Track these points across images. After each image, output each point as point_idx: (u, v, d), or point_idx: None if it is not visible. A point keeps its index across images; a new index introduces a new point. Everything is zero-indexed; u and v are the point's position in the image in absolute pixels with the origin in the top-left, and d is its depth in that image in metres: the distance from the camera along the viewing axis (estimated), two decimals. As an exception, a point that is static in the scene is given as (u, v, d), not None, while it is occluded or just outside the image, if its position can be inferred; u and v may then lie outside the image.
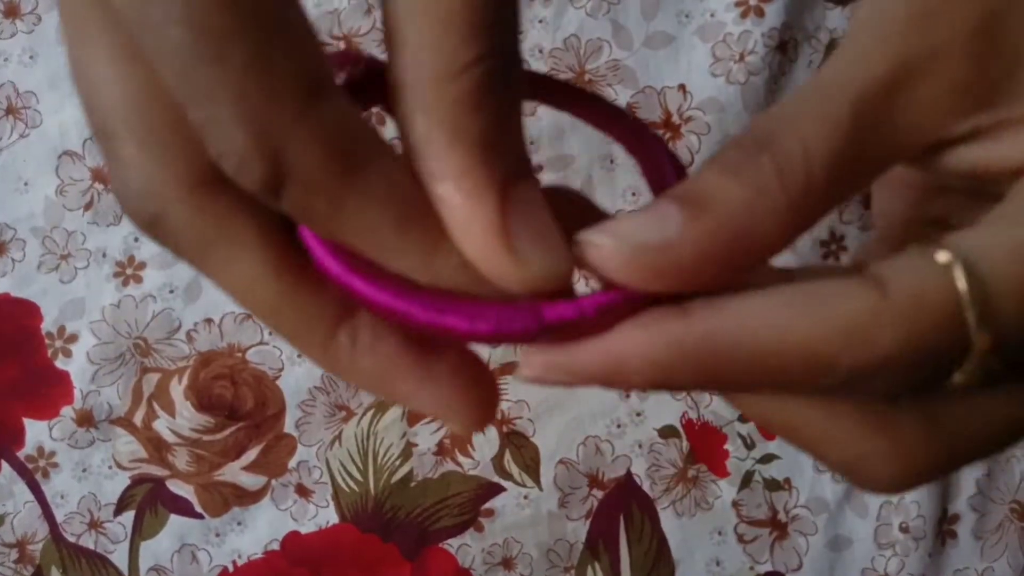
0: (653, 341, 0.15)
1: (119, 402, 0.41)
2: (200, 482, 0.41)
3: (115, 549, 0.41)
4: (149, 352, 0.41)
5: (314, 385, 0.40)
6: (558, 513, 0.40)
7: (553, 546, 0.40)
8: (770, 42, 0.39)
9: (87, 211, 0.41)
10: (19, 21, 0.41)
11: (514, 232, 0.15)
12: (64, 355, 0.41)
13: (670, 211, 0.15)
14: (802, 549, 0.40)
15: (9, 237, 0.41)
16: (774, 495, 0.40)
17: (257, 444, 0.41)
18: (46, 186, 0.41)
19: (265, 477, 0.41)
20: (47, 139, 0.41)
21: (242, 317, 0.41)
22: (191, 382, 0.40)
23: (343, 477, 0.40)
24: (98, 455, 0.41)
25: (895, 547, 0.40)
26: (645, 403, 0.40)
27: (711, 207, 0.15)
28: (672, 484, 0.40)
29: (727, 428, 0.40)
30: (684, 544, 0.40)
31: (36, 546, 0.41)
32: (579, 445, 0.40)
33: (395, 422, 0.40)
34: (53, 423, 0.41)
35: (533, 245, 0.15)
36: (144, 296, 0.41)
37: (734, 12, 0.39)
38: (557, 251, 0.15)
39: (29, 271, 0.41)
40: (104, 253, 0.41)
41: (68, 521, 0.41)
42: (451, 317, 0.15)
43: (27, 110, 0.41)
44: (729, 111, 0.39)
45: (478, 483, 0.40)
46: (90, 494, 0.41)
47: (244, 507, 0.41)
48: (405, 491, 0.40)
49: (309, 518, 0.41)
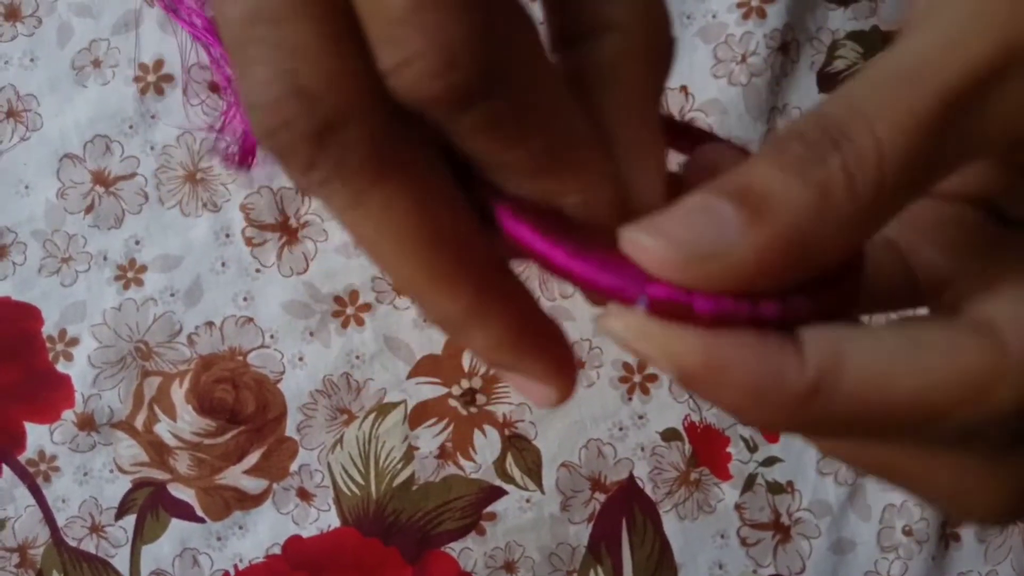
0: (761, 371, 0.14)
1: (120, 406, 0.41)
2: (201, 486, 0.41)
3: (116, 553, 0.41)
4: (150, 356, 0.41)
5: (315, 388, 0.40)
6: (560, 516, 0.40)
7: (555, 550, 0.40)
8: (772, 43, 0.39)
9: (88, 214, 0.41)
10: (20, 24, 0.41)
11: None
12: (65, 359, 0.41)
13: (726, 212, 0.14)
14: (805, 552, 0.40)
15: (10, 240, 0.41)
16: (777, 498, 0.40)
17: (258, 448, 0.40)
18: (47, 189, 0.41)
19: (266, 481, 0.41)
20: (48, 142, 0.41)
21: (243, 320, 0.41)
22: (192, 386, 0.40)
23: (344, 480, 0.40)
24: (99, 459, 0.41)
25: (898, 550, 0.40)
26: (647, 406, 0.40)
27: (772, 211, 0.14)
28: (675, 487, 0.40)
29: (729, 431, 0.40)
30: (687, 547, 0.40)
31: (37, 550, 0.41)
32: (581, 448, 0.40)
33: (396, 425, 0.40)
34: (54, 427, 0.41)
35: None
36: (145, 299, 0.41)
37: (736, 13, 0.39)
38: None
39: (30, 274, 0.41)
40: (105, 256, 0.41)
41: (69, 525, 0.41)
42: (576, 263, 0.15)
43: (28, 113, 0.41)
44: (731, 112, 0.39)
45: (480, 486, 0.40)
46: (91, 498, 0.41)
47: (245, 511, 0.41)
48: (407, 494, 0.40)
49: (310, 522, 0.40)
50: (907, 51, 0.14)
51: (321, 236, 0.41)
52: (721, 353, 0.14)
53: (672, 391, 0.40)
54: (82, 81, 0.41)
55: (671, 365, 0.15)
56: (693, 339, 0.14)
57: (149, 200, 0.41)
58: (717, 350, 0.14)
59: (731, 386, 0.14)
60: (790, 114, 0.40)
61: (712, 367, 0.14)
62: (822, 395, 0.14)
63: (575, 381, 0.17)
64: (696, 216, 0.14)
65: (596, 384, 0.40)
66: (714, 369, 0.14)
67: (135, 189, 0.41)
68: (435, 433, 0.40)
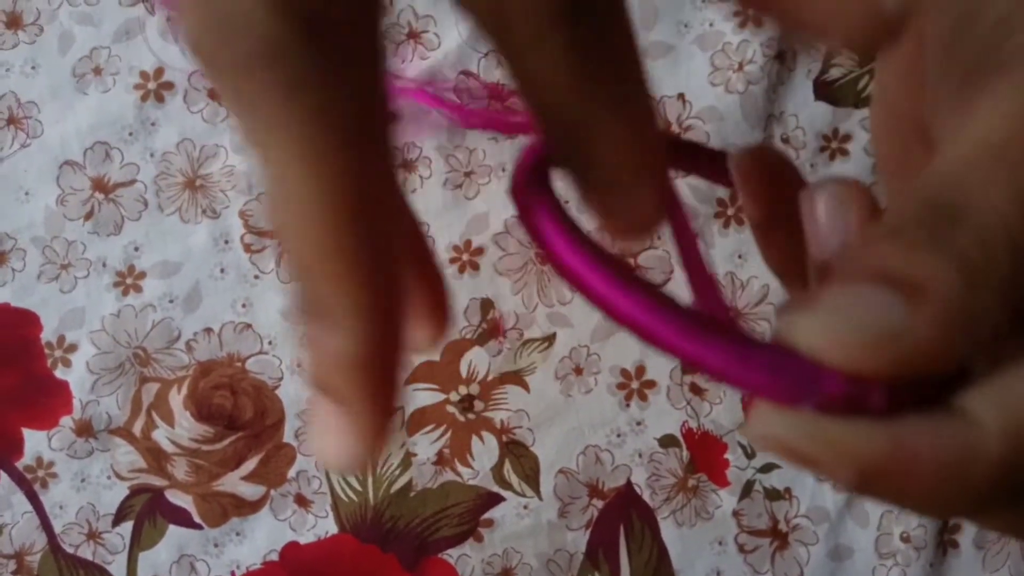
0: (953, 448, 0.13)
1: (118, 412, 0.41)
2: (199, 492, 0.40)
3: (113, 560, 0.41)
4: (148, 362, 0.41)
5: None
6: (558, 523, 0.40)
7: (553, 556, 0.40)
8: (769, 51, 0.39)
9: (87, 221, 0.41)
10: (21, 32, 0.42)
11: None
12: (63, 365, 0.41)
13: (883, 296, 0.14)
14: (803, 559, 0.40)
15: (9, 247, 0.41)
16: (775, 505, 0.40)
17: (256, 454, 0.40)
18: (47, 196, 0.41)
19: (264, 487, 0.41)
20: (48, 149, 0.41)
21: (242, 327, 0.41)
22: (190, 392, 0.40)
23: (342, 487, 0.40)
24: (97, 465, 0.41)
25: (896, 557, 0.40)
26: (645, 412, 0.40)
27: (932, 290, 0.13)
28: (672, 494, 0.40)
29: (727, 437, 0.40)
30: (684, 554, 0.40)
31: (34, 557, 0.41)
32: (579, 455, 0.40)
33: (394, 431, 0.40)
34: (52, 433, 0.41)
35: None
36: (144, 306, 0.41)
37: (733, 22, 0.40)
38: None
39: (29, 281, 0.41)
40: (104, 263, 0.41)
41: (66, 532, 0.41)
42: (713, 353, 0.14)
43: (28, 120, 0.41)
44: (728, 120, 0.40)
45: (477, 493, 0.40)
46: (89, 504, 0.41)
47: (243, 517, 0.40)
48: (404, 501, 0.40)
49: (308, 528, 0.40)
50: (993, 131, 0.15)
51: (320, 243, 0.41)
52: (908, 441, 0.13)
53: (670, 397, 0.40)
54: (83, 88, 0.41)
55: (853, 465, 0.14)
56: (877, 432, 0.13)
57: (148, 207, 0.41)
58: (904, 439, 0.13)
59: (923, 474, 0.13)
60: (786, 122, 0.40)
61: (901, 458, 0.13)
62: (1016, 454, 0.13)
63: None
64: (860, 300, 0.14)
65: (594, 391, 0.40)
66: (904, 460, 0.13)
67: (135, 196, 0.41)
68: (433, 439, 0.40)
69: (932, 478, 0.13)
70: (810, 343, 0.14)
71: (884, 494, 0.14)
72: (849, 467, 0.14)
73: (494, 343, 0.40)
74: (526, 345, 0.40)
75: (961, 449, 0.13)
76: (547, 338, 0.40)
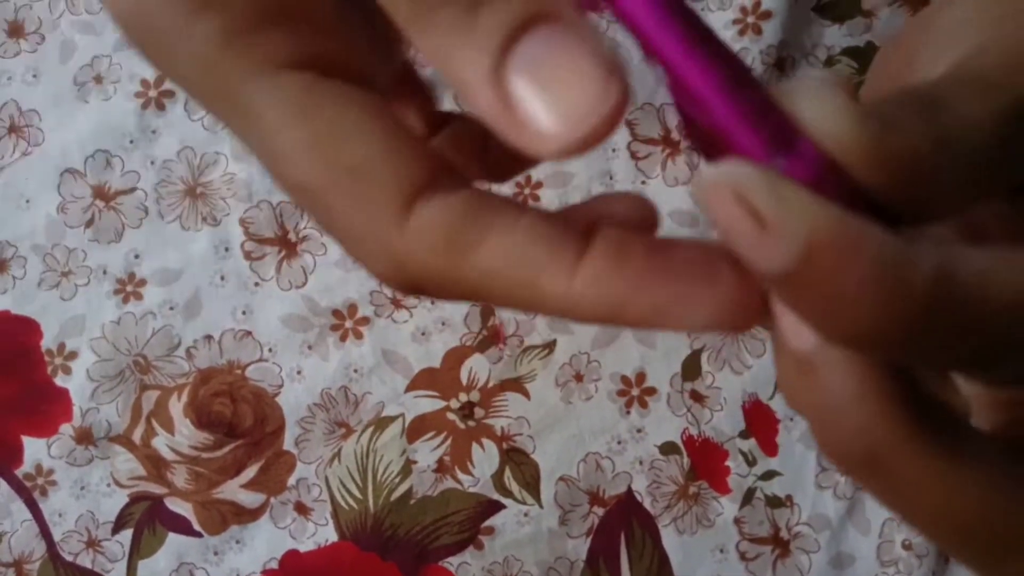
0: (891, 257, 0.13)
1: (118, 419, 0.41)
2: (199, 500, 0.40)
3: (113, 568, 0.40)
4: (149, 369, 0.41)
5: (313, 402, 0.40)
6: (559, 531, 0.40)
7: (554, 564, 0.40)
8: (768, 59, 0.39)
9: (88, 228, 0.41)
10: (23, 40, 0.42)
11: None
12: (64, 372, 0.41)
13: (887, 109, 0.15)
14: (804, 567, 0.40)
15: (10, 255, 0.41)
16: (776, 512, 0.40)
17: (256, 461, 0.40)
18: (47, 204, 0.41)
19: (264, 495, 0.40)
20: (49, 157, 0.41)
21: (242, 334, 0.41)
22: (190, 399, 0.40)
23: (342, 495, 0.40)
24: (97, 473, 0.41)
25: (898, 564, 0.39)
26: (645, 419, 0.40)
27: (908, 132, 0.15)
28: (673, 501, 0.40)
29: (728, 444, 0.40)
30: (686, 562, 0.40)
31: (33, 565, 0.41)
32: (579, 462, 0.40)
33: (394, 439, 0.40)
34: (52, 440, 0.41)
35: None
36: (144, 313, 0.41)
37: (732, 30, 0.40)
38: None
39: (30, 288, 0.41)
40: (104, 270, 0.41)
41: (66, 540, 0.41)
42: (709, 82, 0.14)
43: (29, 128, 0.41)
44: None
45: (478, 500, 0.40)
46: (88, 512, 0.41)
47: (243, 525, 0.40)
48: (405, 509, 0.40)
49: (308, 536, 0.40)
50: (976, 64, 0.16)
51: (320, 250, 0.41)
52: (856, 230, 0.13)
53: (670, 404, 0.40)
54: (84, 97, 0.41)
55: (798, 235, 0.13)
56: (833, 210, 0.13)
57: (149, 214, 0.41)
58: (853, 226, 0.13)
59: (854, 274, 0.13)
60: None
61: (845, 243, 0.13)
62: (940, 287, 0.13)
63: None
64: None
65: (594, 398, 0.40)
66: (847, 246, 0.13)
67: (135, 203, 0.41)
68: (433, 447, 0.40)
69: (866, 276, 0.13)
70: (810, 108, 0.14)
71: (811, 286, 0.13)
72: (793, 236, 0.13)
73: (494, 350, 0.40)
74: (526, 352, 0.40)
75: (900, 263, 0.13)
76: (547, 345, 0.40)
